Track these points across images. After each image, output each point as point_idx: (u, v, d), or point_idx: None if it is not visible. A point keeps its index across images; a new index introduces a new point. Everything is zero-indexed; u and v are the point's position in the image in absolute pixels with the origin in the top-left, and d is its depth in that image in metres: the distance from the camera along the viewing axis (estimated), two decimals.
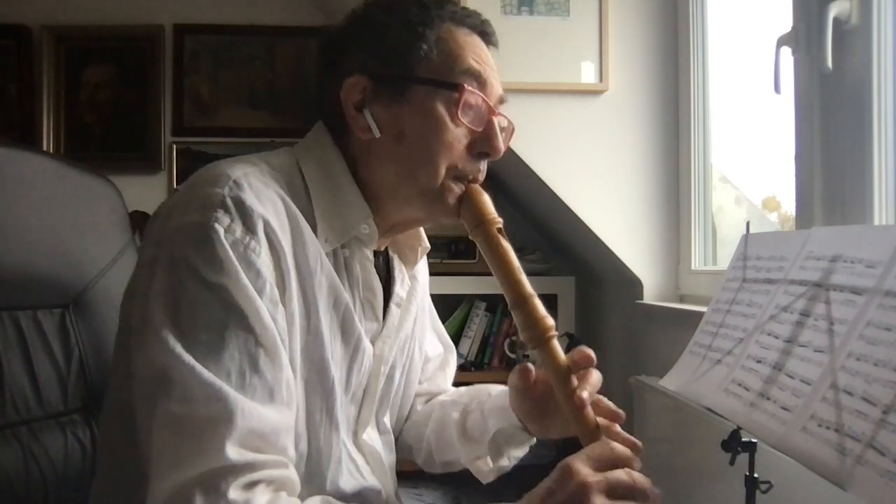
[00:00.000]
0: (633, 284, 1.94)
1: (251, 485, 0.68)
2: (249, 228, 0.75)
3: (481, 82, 0.87)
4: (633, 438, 0.83)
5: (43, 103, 2.59)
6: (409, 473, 1.17)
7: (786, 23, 1.31)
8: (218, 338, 0.71)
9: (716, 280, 1.45)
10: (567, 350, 0.84)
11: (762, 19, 1.69)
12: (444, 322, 2.59)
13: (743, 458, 0.90)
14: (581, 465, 0.71)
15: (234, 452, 0.67)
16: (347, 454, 0.90)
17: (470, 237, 0.89)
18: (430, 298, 1.13)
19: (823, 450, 0.68)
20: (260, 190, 0.78)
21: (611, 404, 0.88)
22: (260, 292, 0.74)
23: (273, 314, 0.75)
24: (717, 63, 1.82)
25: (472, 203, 0.87)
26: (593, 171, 1.88)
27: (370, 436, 0.96)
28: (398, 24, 0.86)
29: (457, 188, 0.87)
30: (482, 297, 2.44)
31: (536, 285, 0.85)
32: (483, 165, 0.90)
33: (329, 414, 0.84)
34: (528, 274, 0.86)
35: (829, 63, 1.18)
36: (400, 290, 0.97)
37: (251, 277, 0.74)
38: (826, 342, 0.75)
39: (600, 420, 0.82)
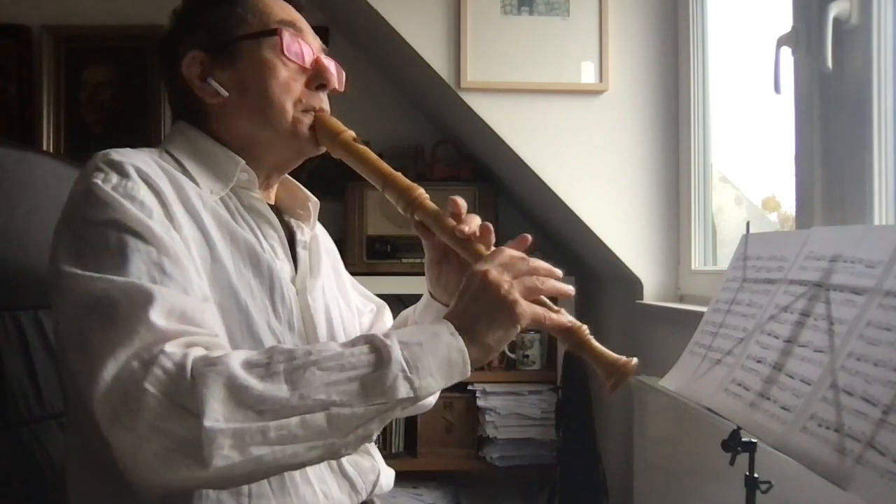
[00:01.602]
0: (633, 284, 1.94)
1: (187, 345, 0.71)
2: (124, 174, 0.82)
3: (297, 29, 0.97)
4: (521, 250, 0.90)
5: (43, 103, 2.58)
6: (409, 473, 1.17)
7: (786, 23, 1.31)
8: (121, 257, 0.76)
9: (716, 280, 1.46)
10: (568, 352, 0.86)
11: (762, 19, 1.69)
12: None
13: (743, 458, 0.90)
14: (480, 265, 0.82)
15: (161, 321, 0.71)
16: None
17: (334, 156, 0.98)
18: (343, 266, 1.19)
19: (823, 450, 0.68)
20: (130, 153, 0.86)
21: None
22: (150, 217, 0.80)
23: (168, 234, 0.80)
24: (717, 63, 1.82)
25: (323, 125, 0.96)
26: (593, 171, 1.88)
27: None
28: (214, 1, 0.97)
29: (307, 119, 0.96)
30: None
31: None
32: (324, 97, 0.99)
33: (250, 333, 0.86)
34: None
35: (829, 63, 1.18)
36: (302, 237, 1.02)
37: (136, 207, 0.80)
38: (826, 342, 0.75)
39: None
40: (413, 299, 1.22)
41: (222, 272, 0.86)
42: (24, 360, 1.00)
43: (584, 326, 0.86)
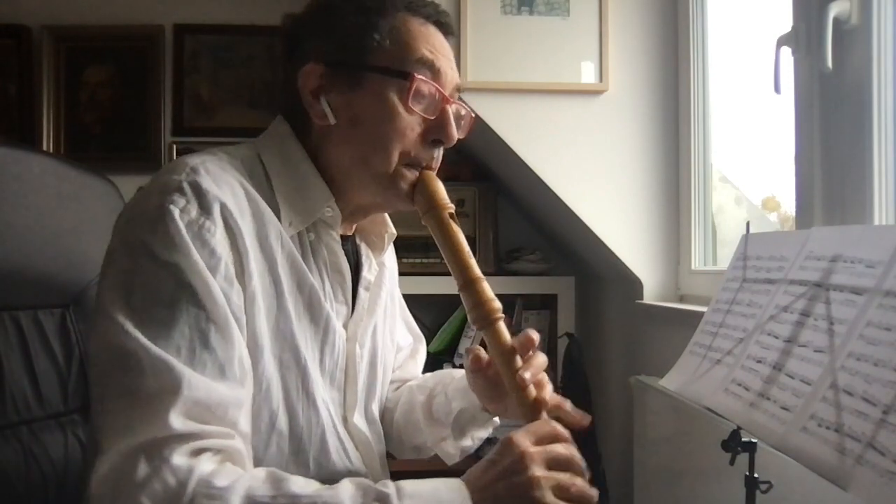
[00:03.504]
0: (633, 284, 1.94)
1: (196, 452, 0.69)
2: (205, 209, 0.77)
3: (434, 71, 0.89)
4: (581, 413, 0.86)
5: (43, 103, 2.58)
6: (409, 473, 1.17)
7: (786, 23, 1.31)
8: (169, 314, 0.73)
9: (716, 280, 1.46)
10: (568, 352, 0.85)
11: (762, 19, 1.69)
12: (443, 323, 2.60)
13: (743, 458, 0.90)
14: (522, 438, 0.75)
15: (178, 422, 0.69)
16: (337, 436, 0.90)
17: (422, 222, 0.91)
18: (399, 290, 1.15)
19: (823, 450, 0.68)
20: (217, 175, 0.80)
21: (566, 404, 0.88)
22: (213, 270, 0.76)
23: (227, 293, 0.77)
24: (717, 63, 1.82)
25: (425, 188, 0.90)
26: (593, 171, 1.88)
27: (359, 422, 0.96)
28: (353, 11, 0.88)
29: (410, 174, 0.90)
30: None
31: (536, 285, 0.86)
32: (437, 153, 0.92)
33: (306, 391, 0.85)
34: (529, 274, 0.87)
35: (829, 63, 1.18)
36: (368, 274, 0.99)
37: (205, 256, 0.75)
38: (826, 342, 0.75)
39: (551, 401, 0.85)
40: (413, 299, 1.22)
41: (286, 324, 0.84)
42: (23, 360, 1.00)
43: None
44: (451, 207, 0.90)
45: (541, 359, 0.88)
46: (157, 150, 2.63)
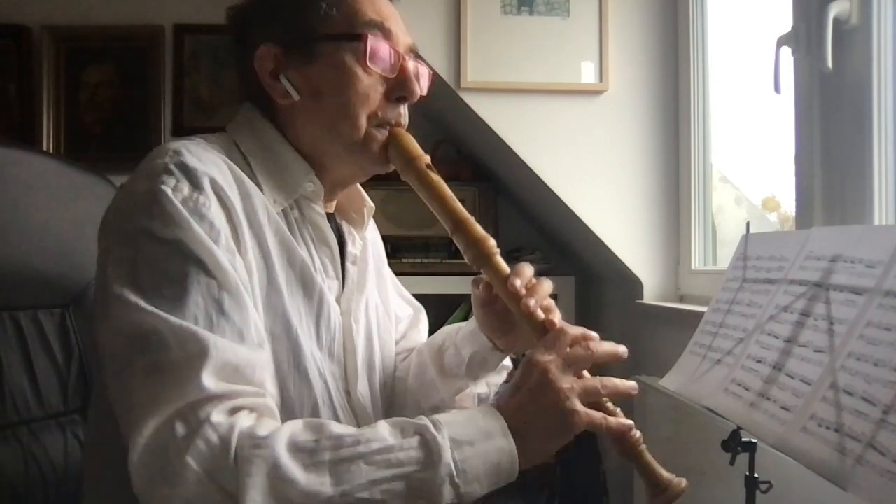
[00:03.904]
0: (633, 284, 1.94)
1: (233, 410, 0.69)
2: (196, 185, 0.77)
3: (385, 32, 0.90)
4: (585, 330, 0.84)
5: (43, 103, 2.58)
6: None
7: (786, 23, 1.31)
8: (180, 288, 0.73)
9: (716, 280, 1.46)
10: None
11: (762, 19, 1.69)
12: (443, 322, 2.60)
13: (743, 458, 0.90)
14: (540, 354, 0.77)
15: (211, 382, 0.68)
16: (333, 410, 0.90)
17: (402, 178, 0.91)
18: (388, 268, 1.15)
19: (823, 450, 0.68)
20: (201, 154, 0.81)
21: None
22: (216, 241, 0.76)
23: (232, 262, 0.77)
24: (717, 63, 1.82)
25: (398, 144, 0.90)
26: (593, 171, 1.88)
27: (364, 397, 0.96)
28: None
29: (380, 135, 0.90)
30: None
31: None
32: (404, 110, 0.93)
33: (297, 365, 0.85)
34: None
35: (829, 63, 1.18)
36: (353, 249, 0.99)
37: (205, 228, 0.76)
38: (826, 342, 0.75)
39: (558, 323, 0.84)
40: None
41: (278, 297, 0.84)
42: (23, 360, 1.00)
43: (640, 435, 0.81)
44: (427, 158, 0.90)
45: (545, 285, 0.88)
46: None
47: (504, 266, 0.88)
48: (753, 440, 0.89)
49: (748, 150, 1.87)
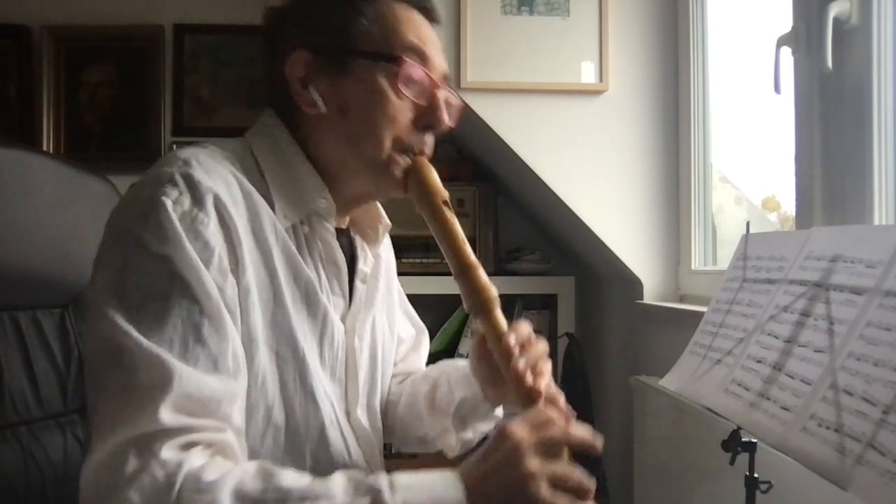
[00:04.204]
0: (633, 284, 1.94)
1: (186, 446, 0.69)
2: (198, 201, 0.76)
3: (423, 57, 0.88)
4: (568, 411, 0.82)
5: (43, 103, 2.58)
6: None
7: (786, 23, 1.31)
8: (162, 308, 0.72)
9: (716, 280, 1.46)
10: (568, 352, 0.84)
11: (762, 19, 1.69)
12: (443, 322, 2.60)
13: (743, 458, 0.90)
14: (516, 428, 0.74)
15: (167, 416, 0.68)
16: (339, 431, 0.90)
17: (417, 210, 0.90)
18: (398, 283, 1.14)
19: (823, 450, 0.68)
20: (210, 166, 0.80)
21: (560, 400, 0.85)
22: (206, 263, 0.75)
23: (221, 285, 0.76)
24: (717, 63, 1.82)
25: (419, 176, 0.89)
26: (593, 171, 1.88)
27: (363, 417, 0.96)
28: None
29: (403, 161, 0.88)
30: None
31: (536, 285, 0.86)
32: (429, 139, 0.92)
33: (303, 385, 0.84)
34: (529, 274, 0.87)
35: (829, 63, 1.18)
36: (364, 266, 0.98)
37: (198, 248, 0.75)
38: (826, 342, 0.75)
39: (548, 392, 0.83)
40: (413, 299, 1.22)
41: (284, 316, 0.83)
42: (22, 360, 1.00)
43: None
44: (446, 194, 0.89)
45: (540, 347, 0.87)
46: (157, 150, 2.63)
47: (502, 320, 0.86)
48: (753, 440, 0.89)
49: (748, 150, 1.87)
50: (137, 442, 0.67)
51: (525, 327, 0.88)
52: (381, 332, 1.02)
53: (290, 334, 0.83)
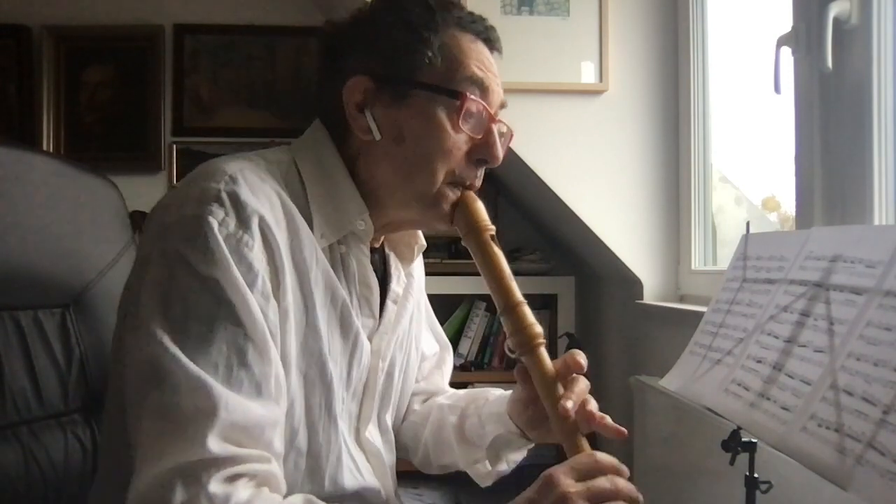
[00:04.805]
0: (633, 284, 1.94)
1: (233, 478, 0.68)
2: (243, 222, 0.75)
3: (483, 89, 0.87)
4: (619, 428, 0.82)
5: (43, 103, 2.59)
6: (409, 473, 1.17)
7: (786, 23, 1.31)
8: (207, 330, 0.72)
9: (716, 280, 1.46)
10: (568, 347, 0.84)
11: (762, 19, 1.69)
12: (444, 322, 2.60)
13: (743, 458, 0.90)
14: (563, 476, 0.71)
15: (215, 445, 0.67)
16: (348, 452, 0.90)
17: (462, 243, 0.90)
18: (426, 297, 1.13)
19: (823, 450, 0.68)
20: (256, 185, 0.79)
21: (606, 419, 0.85)
22: (251, 286, 0.75)
23: (264, 309, 0.75)
24: (717, 63, 1.82)
25: (466, 209, 0.88)
26: (593, 171, 1.88)
27: (372, 434, 0.96)
28: (403, 26, 0.86)
29: (452, 194, 0.88)
30: (482, 297, 2.43)
31: (537, 285, 0.86)
32: (480, 172, 0.91)
33: (328, 409, 0.84)
34: (529, 274, 0.87)
35: (829, 63, 1.18)
36: (396, 286, 0.97)
37: (242, 271, 0.74)
38: (826, 342, 0.75)
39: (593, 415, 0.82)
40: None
41: (315, 339, 0.82)
42: (23, 359, 1.00)
43: None
44: (492, 229, 0.88)
45: (583, 384, 0.85)
46: (157, 150, 2.64)
47: (547, 360, 0.84)
48: (753, 440, 0.89)
49: (748, 150, 1.88)
50: (184, 471, 0.66)
51: (577, 359, 0.85)
52: (403, 349, 1.01)
53: (320, 357, 0.83)
